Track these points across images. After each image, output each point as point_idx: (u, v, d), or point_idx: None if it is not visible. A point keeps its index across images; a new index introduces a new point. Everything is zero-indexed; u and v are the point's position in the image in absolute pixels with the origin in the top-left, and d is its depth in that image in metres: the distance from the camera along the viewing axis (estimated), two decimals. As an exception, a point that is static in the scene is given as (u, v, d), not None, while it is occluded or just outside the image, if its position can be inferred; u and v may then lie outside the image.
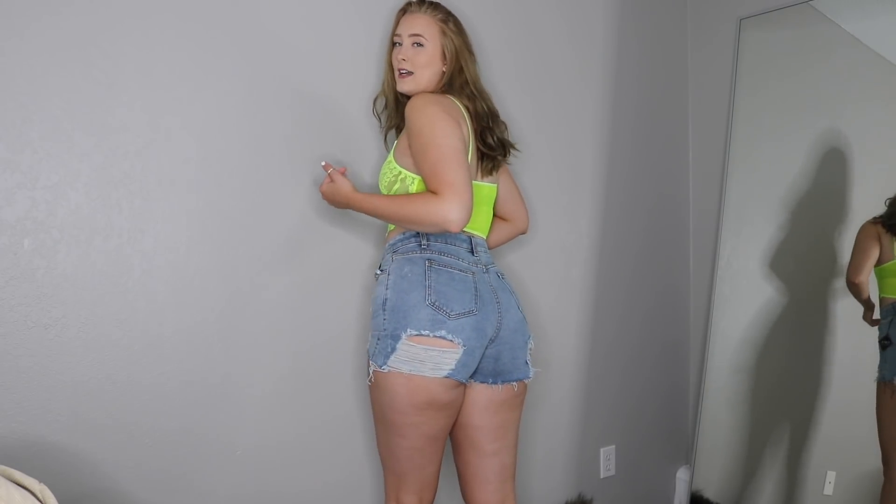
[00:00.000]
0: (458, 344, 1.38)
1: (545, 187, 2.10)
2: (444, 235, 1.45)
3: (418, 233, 1.46)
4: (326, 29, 1.72)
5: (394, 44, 1.57)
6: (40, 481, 0.99)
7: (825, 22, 2.10)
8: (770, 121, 2.24)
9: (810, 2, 2.11)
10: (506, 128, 1.61)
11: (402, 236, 1.49)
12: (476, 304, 1.41)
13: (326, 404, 1.74)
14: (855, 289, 2.02)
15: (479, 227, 1.54)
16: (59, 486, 1.23)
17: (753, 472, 2.21)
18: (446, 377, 1.38)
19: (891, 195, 1.97)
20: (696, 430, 2.36)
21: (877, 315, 1.99)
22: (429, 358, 1.37)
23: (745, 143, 2.29)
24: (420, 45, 1.51)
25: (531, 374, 1.53)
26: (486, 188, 1.57)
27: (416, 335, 1.36)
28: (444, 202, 1.30)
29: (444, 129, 1.37)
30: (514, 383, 1.51)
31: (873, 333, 1.98)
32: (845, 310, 2.05)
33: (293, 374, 1.70)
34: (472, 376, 1.48)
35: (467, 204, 1.32)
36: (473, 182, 1.46)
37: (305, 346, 1.71)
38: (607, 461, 2.31)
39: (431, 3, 1.55)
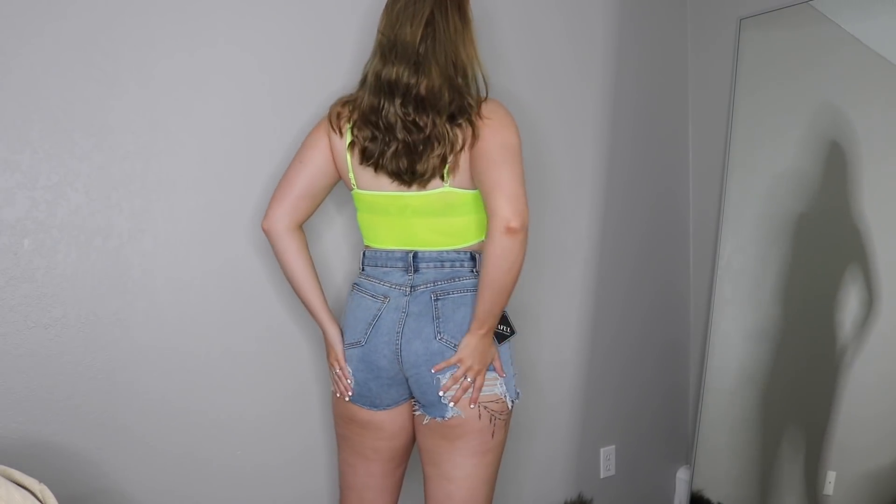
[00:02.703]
0: (349, 373, 1.39)
1: (545, 187, 2.10)
2: (377, 257, 1.40)
3: (364, 254, 1.44)
4: (329, 28, 1.71)
5: None
6: (40, 481, 0.99)
7: (825, 22, 2.10)
8: (770, 121, 2.24)
9: (810, 2, 2.11)
10: None
11: (361, 255, 1.47)
12: (366, 334, 1.36)
13: (328, 405, 1.74)
14: None
15: (422, 242, 1.37)
16: (59, 486, 1.23)
17: (753, 471, 2.21)
18: (349, 402, 1.40)
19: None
20: (696, 430, 2.36)
21: None
22: (334, 381, 1.43)
23: (745, 143, 2.29)
24: None
25: (448, 415, 1.31)
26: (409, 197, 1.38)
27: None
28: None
29: None
30: (429, 418, 1.35)
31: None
32: (846, 310, 2.05)
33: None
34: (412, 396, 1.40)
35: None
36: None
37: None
38: (607, 461, 2.31)
39: None
